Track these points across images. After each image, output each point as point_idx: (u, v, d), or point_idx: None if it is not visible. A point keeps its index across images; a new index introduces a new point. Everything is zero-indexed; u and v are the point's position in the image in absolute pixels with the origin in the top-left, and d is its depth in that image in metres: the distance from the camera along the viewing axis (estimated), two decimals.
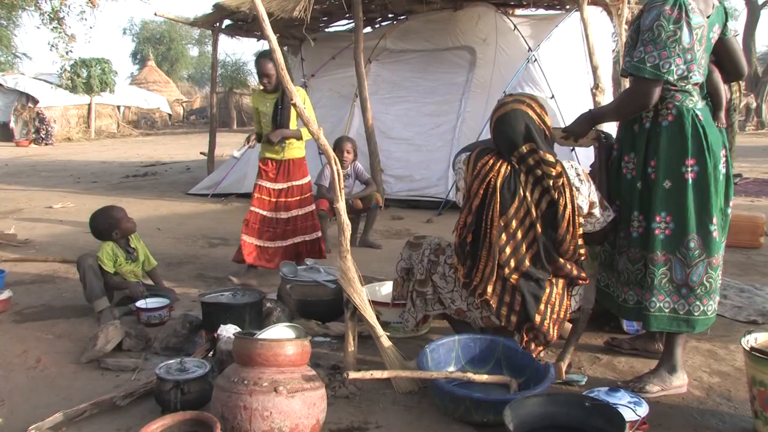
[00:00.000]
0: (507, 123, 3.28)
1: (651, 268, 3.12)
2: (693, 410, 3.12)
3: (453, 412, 3.00)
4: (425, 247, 3.62)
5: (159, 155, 18.01)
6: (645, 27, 2.96)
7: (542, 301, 3.27)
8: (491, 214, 3.24)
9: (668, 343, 3.30)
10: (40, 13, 12.09)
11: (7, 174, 14.01)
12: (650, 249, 3.11)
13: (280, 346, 2.82)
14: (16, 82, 24.77)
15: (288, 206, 5.45)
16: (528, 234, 3.26)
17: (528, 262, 3.27)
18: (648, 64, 2.95)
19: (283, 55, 3.56)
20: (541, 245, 3.25)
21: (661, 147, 3.08)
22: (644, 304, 3.16)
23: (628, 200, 3.25)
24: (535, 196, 3.24)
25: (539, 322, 3.26)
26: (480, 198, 3.29)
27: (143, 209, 9.14)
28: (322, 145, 3.46)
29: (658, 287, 3.12)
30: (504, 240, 3.24)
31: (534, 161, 3.23)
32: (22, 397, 3.33)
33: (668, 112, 3.08)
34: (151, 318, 4.39)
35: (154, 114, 31.95)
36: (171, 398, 3.01)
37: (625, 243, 3.28)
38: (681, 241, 3.08)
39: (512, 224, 3.24)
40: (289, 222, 5.46)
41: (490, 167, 3.29)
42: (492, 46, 9.30)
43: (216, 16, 10.55)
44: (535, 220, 3.23)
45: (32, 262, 6.15)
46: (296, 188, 5.49)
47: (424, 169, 9.03)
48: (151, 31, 48.18)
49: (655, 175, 3.11)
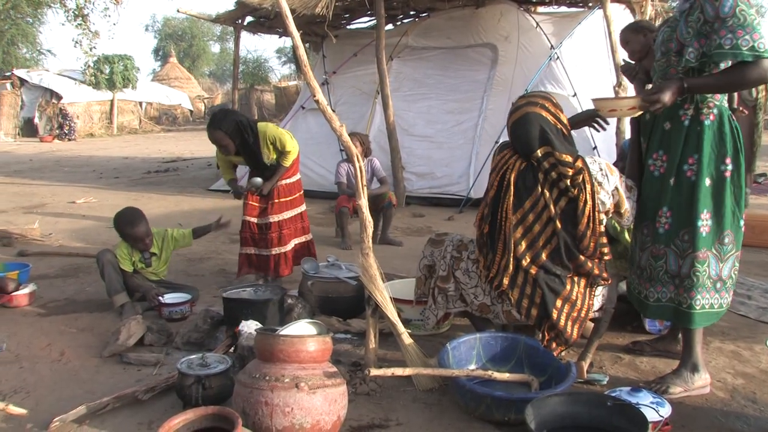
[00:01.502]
0: (521, 127, 3.29)
1: (696, 266, 3.10)
2: (717, 412, 3.09)
3: (474, 411, 2.99)
4: (447, 244, 3.62)
5: (180, 151, 18.11)
6: (726, 14, 2.93)
7: (561, 296, 3.26)
8: (505, 208, 3.27)
9: (687, 341, 3.28)
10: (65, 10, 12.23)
11: (31, 169, 14.14)
12: (696, 247, 3.10)
13: (302, 343, 2.82)
14: (40, 78, 25.02)
15: (278, 208, 5.11)
16: (546, 229, 3.26)
17: (545, 256, 3.27)
18: (744, 48, 2.92)
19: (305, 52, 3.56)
20: (561, 241, 3.25)
21: (704, 146, 3.08)
22: (689, 302, 3.13)
23: (656, 197, 3.23)
24: (553, 194, 3.24)
25: (556, 318, 3.25)
26: (495, 190, 3.33)
27: (165, 205, 9.20)
28: (345, 142, 3.46)
29: (702, 285, 3.12)
30: (520, 233, 3.26)
31: (549, 164, 3.23)
32: (46, 389, 3.37)
33: (710, 111, 3.09)
34: (172, 313, 4.42)
35: (176, 110, 32.10)
36: (192, 393, 3.03)
37: (649, 239, 3.26)
38: (718, 237, 3.11)
39: (529, 218, 3.27)
40: (279, 226, 5.12)
41: (506, 161, 3.33)
42: (514, 44, 9.27)
43: (238, 13, 10.58)
44: (554, 216, 3.24)
45: (56, 257, 6.20)
46: (282, 188, 5.14)
47: (446, 166, 9.01)
48: (173, 28, 48.41)
49: (692, 173, 3.10)
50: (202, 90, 38.68)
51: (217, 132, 4.82)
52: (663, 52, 3.19)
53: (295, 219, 5.22)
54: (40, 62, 31.10)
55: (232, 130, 4.83)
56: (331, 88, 10.25)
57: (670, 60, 3.16)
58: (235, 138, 4.86)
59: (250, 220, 5.12)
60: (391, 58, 9.80)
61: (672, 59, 3.13)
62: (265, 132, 4.95)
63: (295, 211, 5.23)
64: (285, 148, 4.96)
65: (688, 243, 3.12)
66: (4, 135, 23.66)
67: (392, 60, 9.85)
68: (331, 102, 9.78)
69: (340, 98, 10.17)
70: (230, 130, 4.82)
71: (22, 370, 3.60)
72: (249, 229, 5.13)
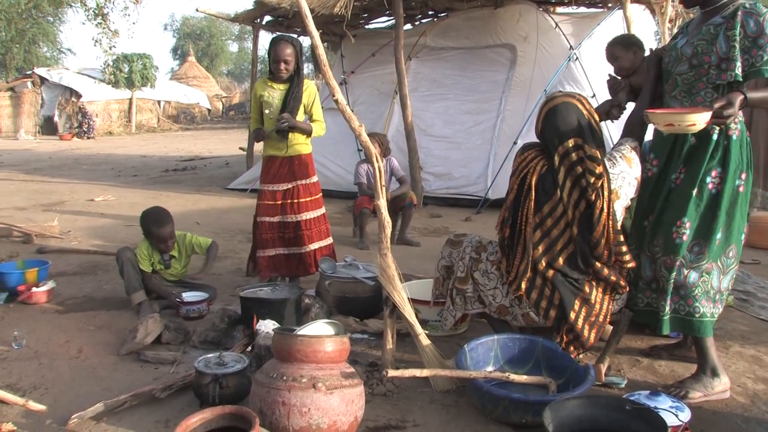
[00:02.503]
0: (558, 114, 3.27)
1: (704, 276, 3.13)
2: (737, 417, 3.05)
3: (491, 412, 2.98)
4: (466, 245, 3.60)
5: (198, 150, 18.19)
6: None
7: (579, 297, 3.24)
8: (525, 211, 3.27)
9: (701, 348, 3.26)
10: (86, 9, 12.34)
11: (50, 167, 14.25)
12: (708, 258, 3.12)
13: (319, 343, 2.82)
14: (60, 77, 25.24)
15: (297, 208, 4.94)
16: (564, 234, 3.26)
17: (562, 261, 3.27)
18: None
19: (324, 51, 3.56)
20: (577, 247, 3.23)
21: (731, 160, 3.09)
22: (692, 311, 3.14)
23: (676, 208, 3.18)
24: (573, 196, 3.22)
25: (573, 319, 3.23)
26: (515, 193, 3.32)
27: (182, 203, 9.23)
28: (364, 142, 3.45)
29: (704, 295, 3.15)
30: (538, 237, 3.25)
31: (578, 157, 3.21)
32: (65, 386, 3.38)
33: (736, 126, 3.12)
34: (189, 312, 4.43)
35: (194, 109, 32.25)
36: (209, 392, 3.03)
37: (658, 250, 3.22)
38: (724, 250, 3.15)
39: (547, 222, 3.26)
40: (301, 226, 4.95)
41: (527, 163, 3.32)
42: (533, 44, 9.23)
43: (257, 12, 10.60)
44: (572, 221, 3.22)
45: (74, 254, 6.24)
46: (302, 187, 4.95)
47: (463, 167, 8.99)
48: (191, 27, 48.70)
49: (714, 186, 3.12)
50: (220, 89, 38.86)
51: (289, 48, 4.74)
52: (694, 65, 3.14)
53: (318, 220, 5.05)
54: (60, 61, 31.38)
55: (300, 48, 4.82)
56: (349, 88, 10.26)
57: (701, 73, 3.13)
58: (298, 59, 4.81)
59: (268, 220, 4.96)
60: (410, 58, 9.79)
61: (711, 72, 3.09)
62: (309, 85, 4.94)
63: (318, 212, 5.05)
64: (314, 116, 4.94)
65: (698, 254, 3.13)
66: (25, 133, 23.89)
67: (410, 60, 9.83)
68: (350, 102, 9.77)
69: (358, 98, 10.17)
70: (299, 47, 4.82)
71: (41, 367, 3.63)
72: (268, 229, 4.97)
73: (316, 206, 5.04)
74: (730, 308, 4.37)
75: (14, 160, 15.58)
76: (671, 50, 3.30)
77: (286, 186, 4.94)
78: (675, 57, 3.25)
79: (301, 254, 4.98)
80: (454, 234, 3.79)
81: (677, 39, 3.33)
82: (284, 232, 4.97)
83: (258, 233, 4.99)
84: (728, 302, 4.27)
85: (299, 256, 4.99)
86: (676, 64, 3.23)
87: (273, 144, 4.93)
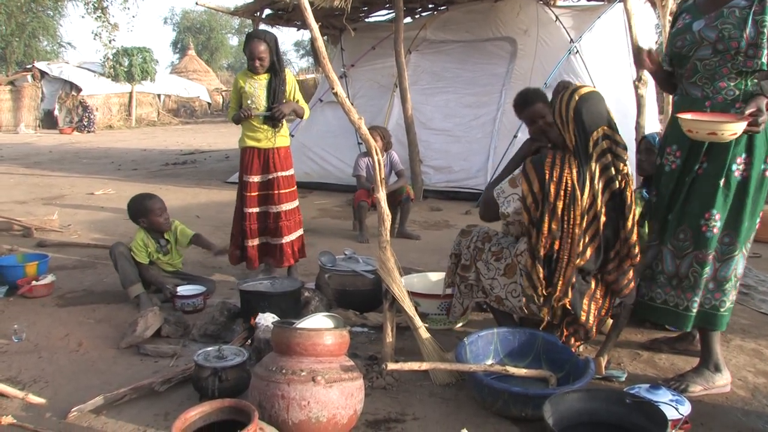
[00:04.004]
0: (593, 102, 3.21)
1: (736, 268, 3.11)
2: (737, 411, 3.05)
3: (491, 406, 2.98)
4: (474, 234, 3.62)
5: (198, 143, 18.17)
6: None
7: (587, 295, 3.23)
8: (572, 213, 3.15)
9: (708, 342, 3.24)
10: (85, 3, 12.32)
11: (50, 161, 14.24)
12: (737, 248, 3.09)
13: (319, 336, 2.81)
14: (60, 70, 25.17)
15: (277, 199, 5.03)
16: (591, 226, 3.20)
17: (589, 254, 3.21)
18: None
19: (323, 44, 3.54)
20: (602, 241, 3.21)
21: (756, 145, 3.01)
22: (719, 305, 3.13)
23: (705, 200, 3.09)
24: (600, 186, 3.18)
25: (584, 319, 3.22)
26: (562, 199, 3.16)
27: (182, 197, 9.23)
28: (363, 134, 3.44)
29: (733, 286, 3.14)
30: (578, 234, 3.18)
31: (607, 145, 3.18)
32: (64, 379, 3.39)
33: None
34: (185, 305, 4.43)
35: (194, 103, 32.19)
36: (209, 385, 3.04)
37: (688, 244, 3.12)
38: (748, 237, 3.13)
39: (585, 218, 3.20)
40: (281, 216, 5.05)
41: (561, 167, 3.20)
42: (533, 37, 9.19)
43: (256, 6, 10.56)
44: (599, 211, 3.17)
45: (74, 248, 6.24)
46: (282, 179, 5.05)
47: (464, 160, 8.98)
48: (191, 21, 48.65)
49: (740, 173, 3.04)
50: (221, 83, 38.75)
51: (262, 45, 4.81)
52: (720, 50, 2.99)
53: (294, 212, 5.16)
54: (60, 55, 31.36)
55: (273, 43, 4.86)
56: (349, 81, 10.24)
57: (726, 59, 2.99)
58: (272, 53, 4.87)
59: (252, 211, 5.05)
60: (410, 51, 9.76)
61: (738, 59, 2.95)
62: (287, 75, 5.03)
63: (294, 204, 5.17)
64: (296, 98, 5.05)
65: (728, 246, 3.08)
66: (25, 127, 23.85)
67: (410, 53, 9.81)
68: (349, 95, 9.75)
69: (358, 91, 10.15)
70: (272, 42, 4.85)
71: (41, 360, 3.63)
72: (252, 219, 5.06)
73: (293, 198, 5.16)
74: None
75: (14, 154, 15.58)
76: (684, 33, 3.14)
77: (267, 177, 5.05)
78: (692, 40, 3.08)
79: (277, 245, 5.08)
80: (467, 225, 3.79)
81: (686, 20, 3.17)
82: (266, 223, 5.08)
83: (246, 224, 5.06)
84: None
85: (276, 247, 5.09)
86: (696, 48, 3.07)
87: (255, 135, 5.02)
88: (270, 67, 4.91)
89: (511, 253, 3.40)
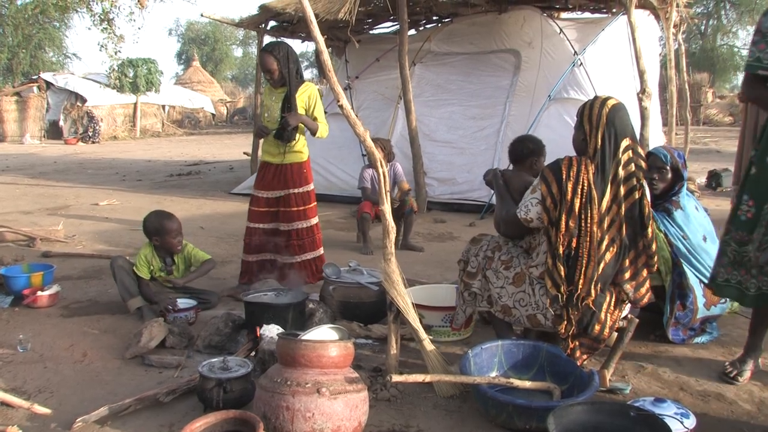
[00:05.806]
0: (624, 112, 3.32)
1: None
2: (743, 425, 3.04)
3: (495, 418, 2.98)
4: (484, 243, 3.64)
5: (203, 155, 18.20)
6: None
7: (603, 310, 3.25)
8: (590, 212, 3.20)
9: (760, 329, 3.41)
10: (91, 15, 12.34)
11: (56, 171, 14.29)
12: None
13: (323, 348, 2.82)
14: (66, 81, 25.30)
15: (288, 217, 4.97)
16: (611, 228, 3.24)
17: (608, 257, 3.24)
18: None
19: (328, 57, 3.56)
20: (622, 248, 3.25)
21: None
22: None
23: None
24: (621, 192, 3.24)
25: (599, 330, 3.24)
26: (579, 197, 3.22)
27: (187, 208, 9.24)
28: (368, 147, 3.45)
29: None
30: (599, 235, 3.21)
31: (629, 156, 3.25)
32: (69, 389, 3.40)
33: None
34: (176, 319, 4.35)
35: (198, 114, 32.27)
36: (213, 396, 3.03)
37: None
38: None
39: (605, 221, 3.23)
40: (291, 235, 4.99)
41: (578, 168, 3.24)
42: (537, 50, 9.23)
43: (261, 18, 10.63)
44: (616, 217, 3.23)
45: (79, 258, 6.25)
46: (295, 196, 4.97)
47: (467, 172, 8.97)
48: (196, 32, 48.85)
49: None
50: (225, 94, 38.88)
51: (270, 57, 4.80)
52: None
53: (310, 230, 5.07)
54: (65, 66, 31.49)
55: (282, 54, 4.83)
56: (353, 93, 10.27)
57: None
58: (281, 64, 4.81)
59: (259, 226, 5.03)
60: (414, 63, 9.80)
61: None
62: (308, 87, 4.98)
63: (311, 221, 5.07)
64: (315, 115, 4.95)
65: None
66: (30, 137, 23.96)
67: (415, 65, 9.84)
68: (354, 107, 9.78)
69: (362, 103, 10.18)
70: (280, 55, 4.82)
71: (46, 370, 3.64)
72: (257, 235, 5.03)
73: (308, 216, 5.03)
74: (735, 315, 4.36)
75: (20, 164, 15.64)
76: None
77: (278, 194, 5.00)
78: None
79: (293, 263, 4.99)
80: (479, 234, 3.81)
81: None
82: (276, 240, 5.01)
83: (246, 238, 5.06)
84: (734, 308, 4.26)
85: (292, 266, 4.99)
86: None
87: (269, 149, 5.01)
88: (286, 79, 4.86)
89: (520, 263, 3.42)
